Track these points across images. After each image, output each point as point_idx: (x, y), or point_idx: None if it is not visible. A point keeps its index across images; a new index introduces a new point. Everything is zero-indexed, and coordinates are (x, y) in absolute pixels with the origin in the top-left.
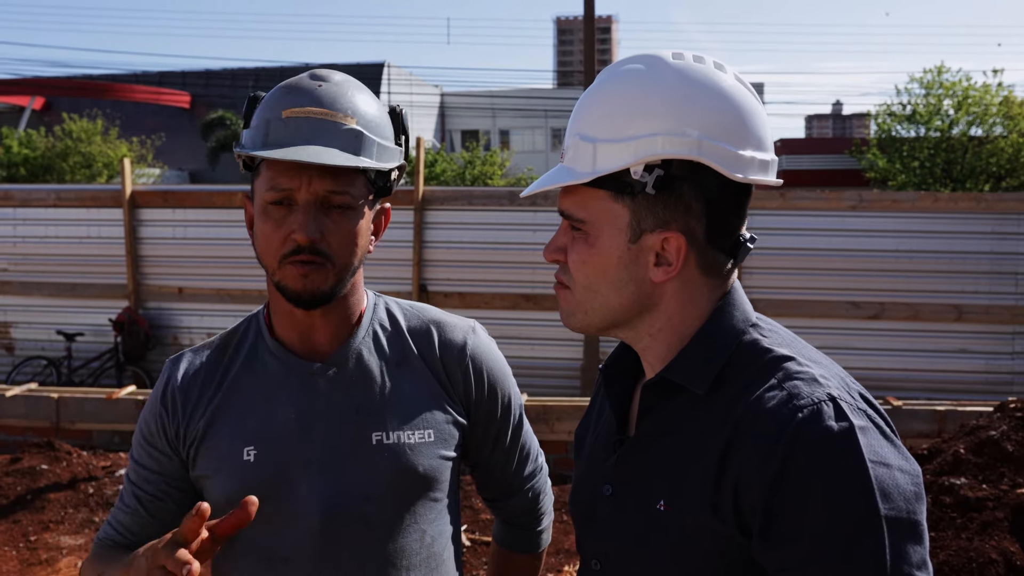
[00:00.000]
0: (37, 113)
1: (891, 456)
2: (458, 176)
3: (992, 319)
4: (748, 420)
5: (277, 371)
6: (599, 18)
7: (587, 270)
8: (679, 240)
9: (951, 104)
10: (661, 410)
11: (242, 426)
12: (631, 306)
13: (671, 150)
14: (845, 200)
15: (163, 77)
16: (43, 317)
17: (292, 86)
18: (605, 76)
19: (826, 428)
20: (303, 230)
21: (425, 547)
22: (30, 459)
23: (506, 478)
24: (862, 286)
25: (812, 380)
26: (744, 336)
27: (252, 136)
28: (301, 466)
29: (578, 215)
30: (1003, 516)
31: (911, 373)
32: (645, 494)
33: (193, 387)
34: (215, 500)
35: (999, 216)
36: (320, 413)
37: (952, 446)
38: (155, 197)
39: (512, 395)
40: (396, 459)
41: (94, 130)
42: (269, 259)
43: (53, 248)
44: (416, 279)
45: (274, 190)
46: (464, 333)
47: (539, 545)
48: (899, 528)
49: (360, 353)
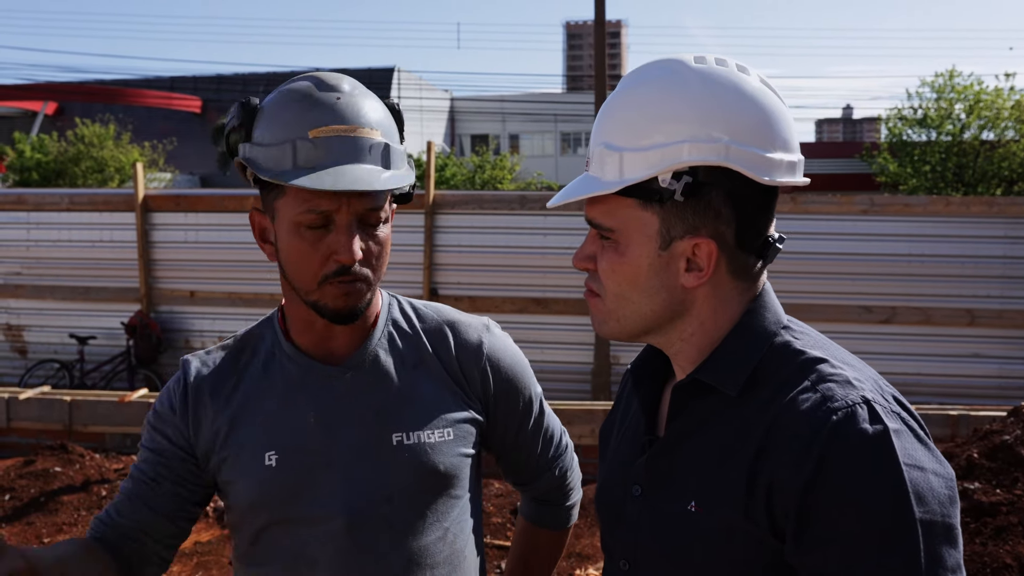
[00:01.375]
0: (50, 118)
1: (925, 459)
2: (468, 180)
3: (1005, 323)
4: (782, 422)
5: (295, 375)
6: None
7: (617, 279)
8: (710, 246)
9: (963, 108)
10: (692, 411)
11: (262, 431)
12: (663, 312)
13: (698, 156)
14: (857, 204)
15: (175, 82)
16: (56, 320)
17: (310, 100)
18: (627, 83)
19: (861, 431)
20: (348, 252)
21: (448, 545)
22: (43, 462)
23: (531, 462)
24: (874, 290)
25: (846, 382)
26: (776, 338)
27: (275, 157)
28: (323, 469)
29: (607, 224)
30: (1017, 521)
31: (924, 378)
32: (676, 495)
33: (209, 388)
34: (239, 504)
35: (1012, 220)
36: (340, 416)
37: (965, 451)
38: (167, 201)
39: (532, 387)
40: (417, 459)
41: (106, 135)
42: (305, 280)
43: (66, 252)
44: (427, 283)
45: (312, 212)
46: (479, 332)
47: (568, 520)
48: (934, 531)
49: (377, 355)
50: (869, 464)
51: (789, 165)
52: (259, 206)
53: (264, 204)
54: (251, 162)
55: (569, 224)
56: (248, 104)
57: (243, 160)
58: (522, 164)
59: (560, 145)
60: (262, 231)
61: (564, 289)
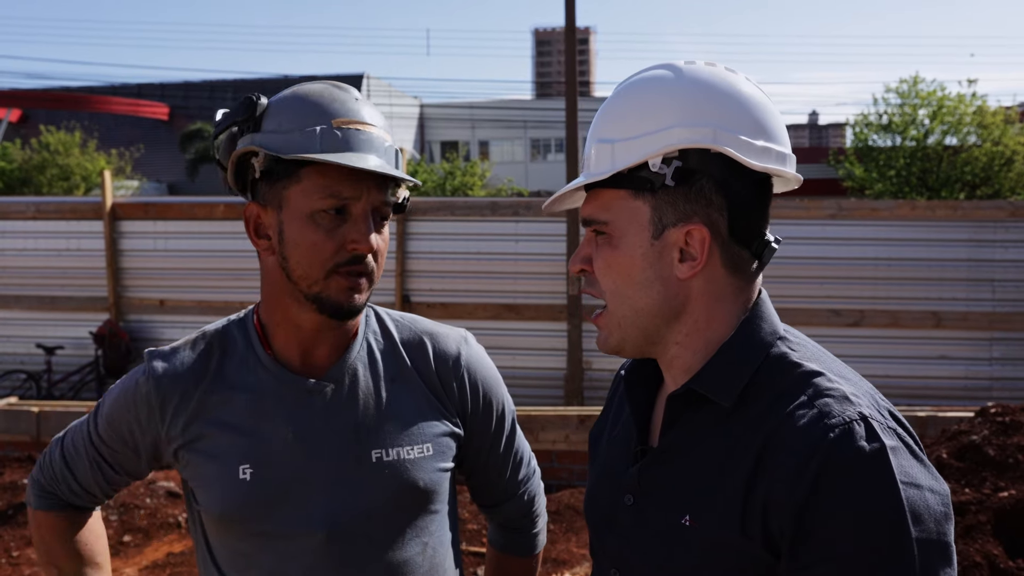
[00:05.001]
0: (14, 125)
1: (921, 477)
2: (439, 187)
3: (970, 325)
4: (778, 438)
5: (272, 387)
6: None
7: (612, 273)
8: (702, 232)
9: (926, 114)
10: (686, 422)
11: (235, 442)
12: (659, 308)
13: (687, 139)
14: (824, 209)
15: (142, 89)
16: (22, 330)
17: (329, 97)
18: (621, 86)
19: (858, 449)
20: (366, 240)
21: (427, 559)
22: (11, 474)
23: (501, 484)
24: (842, 294)
25: (843, 398)
26: (772, 349)
27: (298, 141)
28: (301, 486)
29: (600, 217)
30: (986, 520)
31: (892, 380)
32: (669, 508)
33: (177, 386)
34: (209, 512)
35: (976, 224)
36: (318, 432)
37: (934, 451)
38: (136, 209)
39: (505, 402)
40: (397, 476)
41: (72, 142)
42: (313, 270)
43: (32, 261)
44: (399, 290)
45: (332, 197)
46: (457, 344)
47: (536, 547)
48: (929, 551)
49: (356, 369)
50: (866, 483)
51: (779, 155)
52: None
53: (267, 196)
54: (267, 146)
55: (541, 230)
56: (257, 99)
57: (256, 146)
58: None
59: (530, 151)
60: (257, 226)
61: (536, 295)
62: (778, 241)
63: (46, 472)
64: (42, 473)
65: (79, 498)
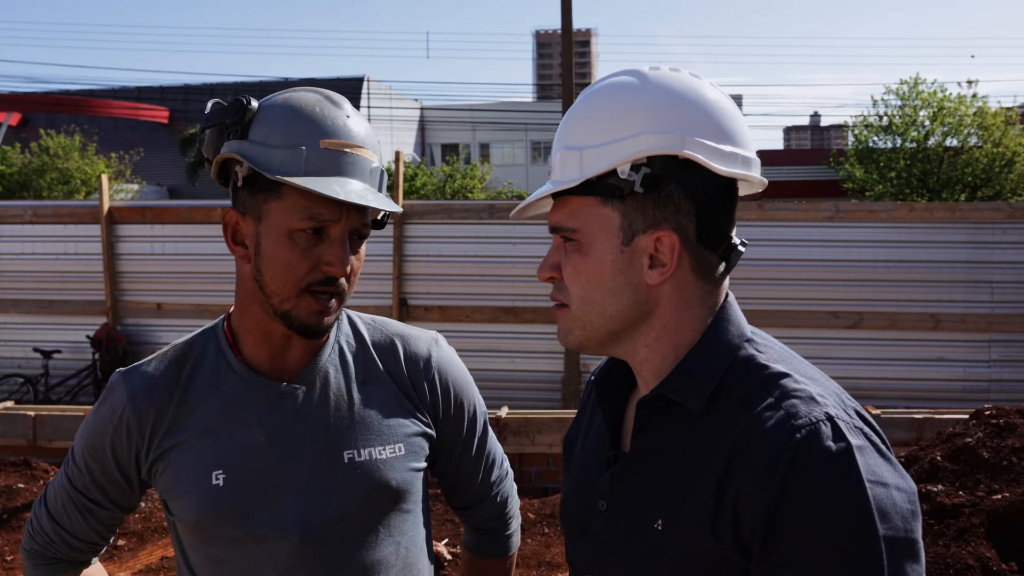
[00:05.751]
0: (14, 129)
1: (888, 475)
2: (438, 190)
3: (968, 327)
4: (747, 440)
5: (243, 392)
6: (578, 31)
7: (582, 280)
8: (672, 238)
9: (927, 115)
10: (657, 426)
11: (208, 449)
12: (628, 313)
13: (655, 146)
14: (822, 211)
15: (141, 92)
16: (20, 334)
17: (320, 113)
18: (587, 92)
19: (824, 449)
20: (341, 264)
21: (400, 558)
22: (6, 478)
23: (474, 485)
24: (840, 296)
25: (809, 399)
26: (740, 351)
27: (283, 158)
28: (274, 488)
29: (569, 224)
30: (979, 522)
31: (890, 382)
32: (642, 513)
33: (150, 401)
34: (184, 520)
35: (974, 225)
36: (290, 434)
37: (929, 453)
38: (133, 213)
39: (477, 403)
40: (369, 476)
41: (72, 146)
42: (286, 287)
43: (30, 265)
44: (396, 293)
45: (312, 219)
46: (428, 345)
47: (510, 548)
48: (897, 548)
49: (327, 371)
50: (833, 482)
51: (744, 160)
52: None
53: (248, 205)
54: (251, 159)
55: (538, 233)
56: (246, 102)
57: (239, 155)
58: (492, 173)
59: (531, 154)
60: (235, 232)
61: (534, 298)
62: (744, 244)
63: (38, 538)
64: (34, 541)
65: (80, 552)
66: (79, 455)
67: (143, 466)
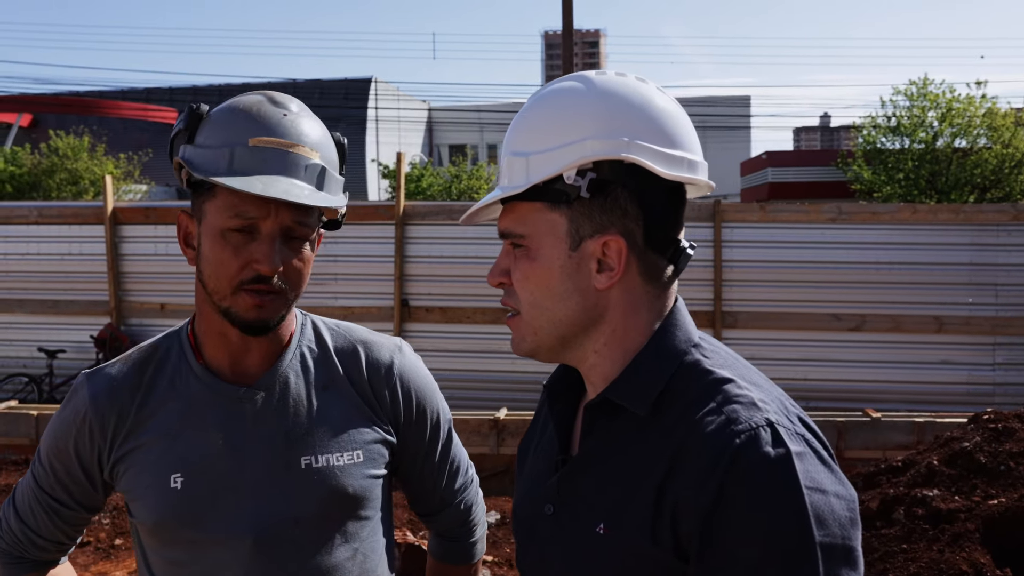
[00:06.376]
0: (24, 130)
1: (827, 482)
2: (444, 190)
3: (973, 330)
4: (687, 444)
5: (203, 395)
6: (587, 32)
7: (530, 285)
8: (619, 242)
9: (935, 116)
10: (603, 430)
11: (167, 452)
12: (577, 318)
13: (600, 151)
14: (825, 213)
15: (150, 93)
16: (24, 334)
17: (255, 112)
18: (534, 98)
19: (763, 455)
20: (268, 261)
21: (358, 564)
22: (7, 476)
23: (437, 492)
24: (843, 298)
25: (751, 404)
26: (686, 357)
27: (212, 159)
28: (230, 492)
29: (517, 230)
30: (974, 528)
31: (893, 385)
32: (585, 516)
33: (113, 402)
34: (143, 522)
35: (978, 227)
36: (248, 438)
37: (926, 458)
38: (137, 213)
39: (440, 411)
40: (325, 482)
41: (81, 147)
42: (221, 285)
43: (35, 265)
44: (398, 294)
45: (239, 217)
46: (391, 352)
47: (474, 556)
48: (833, 555)
49: (287, 377)
50: (770, 487)
51: (690, 163)
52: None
53: (193, 207)
54: (188, 162)
55: None
56: (196, 109)
57: (180, 160)
58: None
59: None
60: (187, 235)
61: None
62: (692, 247)
63: (6, 537)
64: (3, 540)
65: (46, 552)
66: (44, 456)
67: (105, 467)
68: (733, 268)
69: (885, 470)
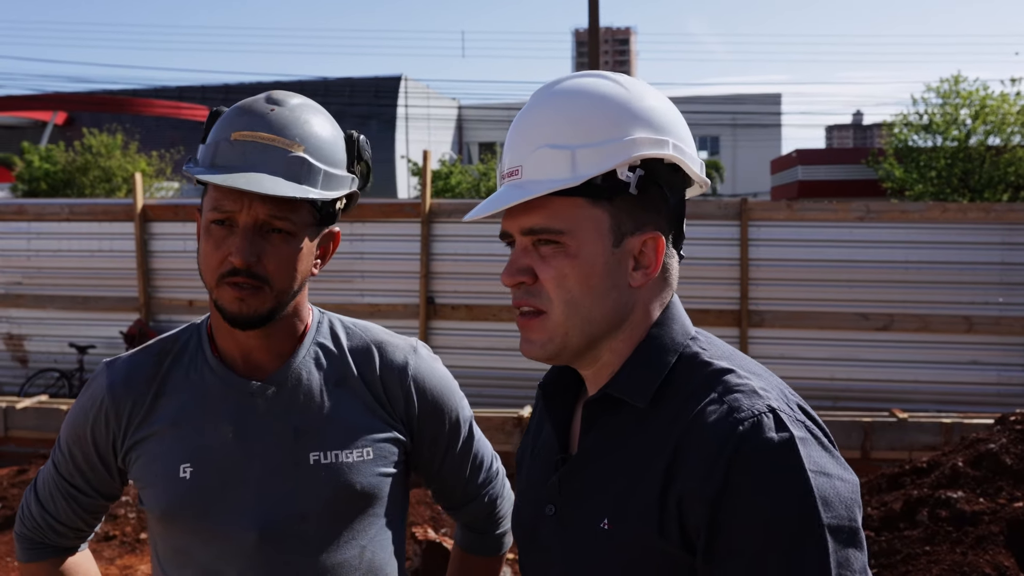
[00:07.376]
0: (59, 128)
1: (830, 466)
2: (473, 188)
3: (1003, 330)
4: (690, 435)
5: (216, 388)
6: (617, 30)
7: (570, 283)
8: (659, 240)
9: (968, 114)
10: (603, 426)
11: (178, 442)
12: (610, 317)
13: (653, 150)
14: (853, 211)
15: (182, 92)
16: (56, 330)
17: (246, 108)
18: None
19: (767, 440)
20: (240, 254)
21: (365, 562)
22: (35, 471)
23: (459, 487)
24: (871, 297)
25: (752, 392)
26: (684, 350)
27: (203, 155)
28: (238, 485)
29: (555, 226)
30: (999, 530)
31: (921, 385)
32: (588, 513)
33: (130, 391)
34: (151, 511)
35: (1009, 226)
36: (258, 432)
37: (951, 459)
38: (166, 211)
39: (459, 410)
40: (333, 478)
41: (114, 144)
42: (208, 277)
43: (66, 262)
44: (423, 291)
45: (216, 211)
46: (405, 354)
47: (500, 548)
48: (840, 535)
49: (300, 373)
50: (776, 471)
51: (702, 164)
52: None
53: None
54: (191, 159)
55: None
56: (214, 112)
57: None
58: None
59: None
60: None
61: None
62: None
63: (27, 523)
64: (24, 525)
65: (66, 538)
66: (64, 442)
67: (119, 454)
68: (760, 267)
69: (909, 471)
